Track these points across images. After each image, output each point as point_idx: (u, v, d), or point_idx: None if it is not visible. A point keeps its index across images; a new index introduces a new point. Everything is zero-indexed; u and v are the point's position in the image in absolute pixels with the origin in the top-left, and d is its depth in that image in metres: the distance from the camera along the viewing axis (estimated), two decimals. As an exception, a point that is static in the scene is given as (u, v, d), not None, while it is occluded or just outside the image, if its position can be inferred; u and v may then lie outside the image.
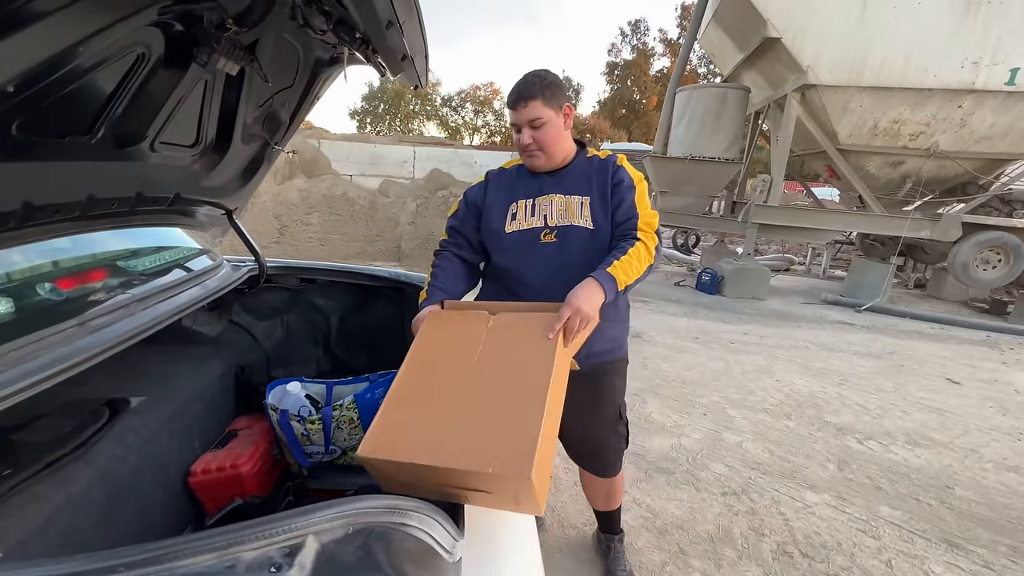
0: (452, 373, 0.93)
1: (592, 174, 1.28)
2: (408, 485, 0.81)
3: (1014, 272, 5.97)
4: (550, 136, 1.22)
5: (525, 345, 0.95)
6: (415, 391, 0.91)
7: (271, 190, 8.01)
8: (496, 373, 0.91)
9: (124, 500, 1.07)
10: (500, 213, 1.31)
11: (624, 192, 1.25)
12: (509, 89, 1.25)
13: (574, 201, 1.25)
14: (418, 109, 29.56)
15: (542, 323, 0.99)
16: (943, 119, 5.96)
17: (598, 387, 1.40)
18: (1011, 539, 2.02)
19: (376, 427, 0.83)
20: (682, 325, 5.04)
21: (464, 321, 1.08)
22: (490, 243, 1.34)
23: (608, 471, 1.52)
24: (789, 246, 11.10)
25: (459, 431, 0.81)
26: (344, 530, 0.59)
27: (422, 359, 0.98)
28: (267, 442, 1.46)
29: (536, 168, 1.29)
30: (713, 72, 22.99)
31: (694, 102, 6.98)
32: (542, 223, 1.26)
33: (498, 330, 1.01)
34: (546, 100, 1.19)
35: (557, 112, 1.22)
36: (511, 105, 1.22)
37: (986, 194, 6.52)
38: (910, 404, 3.35)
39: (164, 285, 1.27)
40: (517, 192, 1.31)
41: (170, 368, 1.47)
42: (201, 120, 1.17)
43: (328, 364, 1.92)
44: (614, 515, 1.70)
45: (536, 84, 1.19)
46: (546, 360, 0.90)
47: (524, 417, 0.80)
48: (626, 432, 1.49)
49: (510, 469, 0.72)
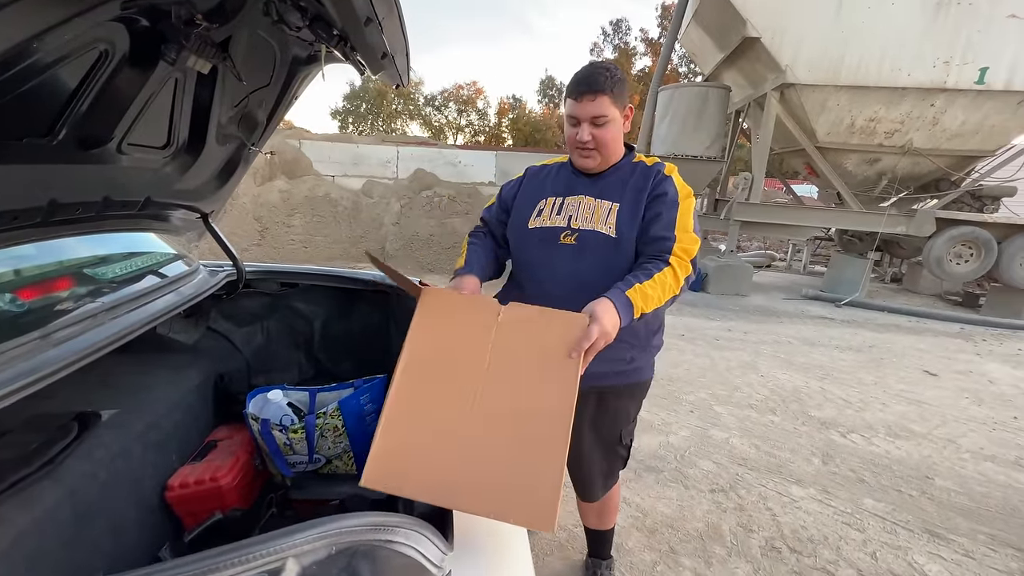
0: (459, 379, 0.83)
1: (630, 180, 1.19)
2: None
3: (985, 266, 6.16)
4: (611, 136, 1.14)
5: (545, 354, 0.84)
6: (415, 404, 0.82)
7: (251, 191, 7.85)
8: (509, 390, 0.82)
9: (95, 520, 1.02)
10: (528, 207, 1.25)
11: (664, 207, 1.13)
12: (571, 78, 1.14)
13: (603, 206, 1.17)
14: (401, 108, 29.29)
15: (563, 327, 0.87)
16: (917, 117, 6.12)
17: (604, 408, 1.31)
18: (990, 527, 2.07)
19: (377, 452, 0.76)
20: (667, 322, 5.03)
21: (469, 309, 0.93)
22: (512, 237, 1.28)
23: (593, 495, 1.44)
24: (770, 242, 11.29)
25: (472, 466, 0.75)
26: (327, 551, 0.56)
27: (422, 358, 0.86)
28: (248, 453, 1.42)
29: (587, 168, 1.21)
30: (694, 71, 23.27)
31: (676, 101, 7.05)
32: (565, 223, 1.18)
33: (510, 327, 0.87)
34: (614, 97, 1.10)
35: (621, 111, 1.14)
36: (574, 96, 1.11)
37: (958, 190, 6.72)
38: (890, 396, 3.42)
39: (136, 292, 1.22)
40: (548, 189, 1.25)
41: (145, 378, 1.41)
42: (172, 120, 1.12)
43: (311, 370, 1.88)
44: (605, 537, 1.64)
45: (606, 78, 1.09)
46: (569, 381, 0.81)
47: (545, 457, 0.75)
48: (625, 454, 1.41)
49: (534, 521, 0.70)
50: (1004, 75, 5.76)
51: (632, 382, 1.30)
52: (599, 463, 1.38)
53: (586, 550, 1.76)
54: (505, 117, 29.76)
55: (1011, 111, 5.98)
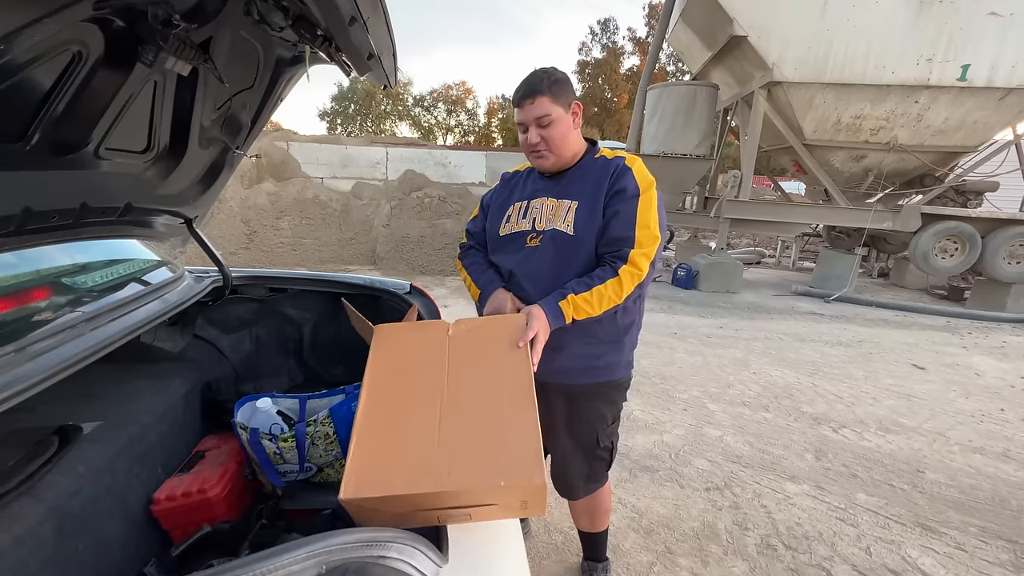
0: (423, 387, 0.88)
1: (591, 176, 1.20)
2: (396, 518, 0.76)
3: (970, 260, 6.25)
4: (559, 134, 1.16)
5: (495, 351, 0.92)
6: (386, 417, 0.84)
7: (238, 195, 7.75)
8: (474, 382, 0.87)
9: (79, 536, 0.99)
10: (499, 214, 1.31)
11: (623, 203, 1.13)
12: (514, 88, 1.19)
13: (563, 205, 1.20)
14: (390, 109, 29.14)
15: (505, 327, 0.97)
16: (901, 114, 6.20)
17: (576, 410, 1.30)
18: (980, 519, 2.09)
19: (353, 465, 0.75)
20: (660, 321, 5.09)
21: (420, 333, 1.03)
22: (489, 245, 1.35)
23: (571, 492, 1.42)
24: (760, 239, 11.38)
25: (452, 449, 0.76)
26: (316, 570, 0.54)
27: (383, 382, 0.91)
28: (237, 463, 1.39)
29: (544, 169, 1.24)
30: (682, 70, 23.41)
31: (665, 100, 7.07)
32: (530, 226, 1.24)
33: (461, 337, 0.97)
34: (554, 96, 1.14)
35: (566, 109, 1.17)
36: (517, 103, 1.17)
37: (942, 186, 6.82)
38: (880, 391, 3.46)
39: (117, 301, 1.18)
40: (516, 194, 1.31)
41: (129, 388, 1.38)
42: (152, 124, 1.09)
43: (302, 377, 1.85)
44: (598, 539, 1.62)
45: (543, 80, 1.14)
46: (523, 363, 0.88)
47: (519, 422, 0.77)
48: (607, 457, 1.39)
49: (522, 478, 0.69)
50: (985, 72, 5.85)
51: (603, 381, 1.28)
52: (578, 465, 1.37)
53: (582, 554, 1.76)
54: (495, 117, 29.75)
55: (992, 107, 6.08)
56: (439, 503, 0.72)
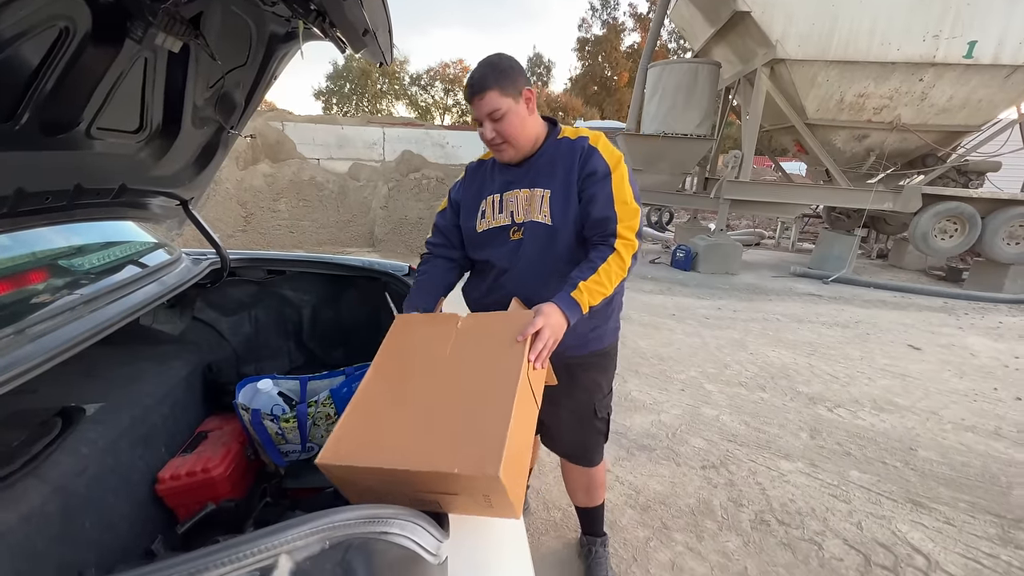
0: (420, 376, 0.90)
1: (559, 161, 1.19)
2: (374, 493, 0.78)
3: (969, 240, 6.24)
4: (513, 127, 1.14)
5: (495, 346, 0.94)
6: (381, 395, 0.87)
7: (234, 176, 7.67)
8: (465, 373, 0.88)
9: (84, 515, 1.01)
10: (472, 211, 1.28)
11: (597, 186, 1.14)
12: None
13: (536, 195, 1.19)
14: (386, 89, 28.65)
15: (512, 324, 0.98)
16: (905, 92, 6.11)
17: (575, 381, 1.34)
18: (970, 495, 2.14)
19: (338, 433, 0.79)
20: (658, 302, 5.10)
21: (432, 324, 1.06)
22: (466, 241, 1.32)
23: (579, 459, 1.48)
24: (759, 221, 11.34)
25: (424, 433, 0.77)
26: (320, 545, 0.55)
27: (389, 364, 0.95)
28: (239, 443, 1.41)
29: (507, 161, 1.23)
30: (683, 47, 22.94)
31: (666, 78, 6.95)
32: (509, 220, 1.22)
33: (467, 331, 0.99)
34: (502, 89, 1.10)
35: (516, 99, 1.13)
36: (468, 99, 1.15)
37: (944, 166, 6.76)
38: (875, 371, 3.49)
39: (116, 284, 1.18)
40: (486, 188, 1.28)
41: (130, 371, 1.39)
42: (144, 103, 1.06)
43: (302, 359, 1.86)
44: (595, 513, 1.65)
45: (489, 74, 1.11)
46: (515, 361, 0.88)
47: (492, 416, 0.77)
48: (605, 428, 1.43)
49: (476, 468, 0.69)
50: (992, 49, 5.74)
51: (596, 350, 1.34)
52: (579, 436, 1.43)
53: (580, 529, 1.80)
54: (493, 96, 29.20)
55: (998, 85, 5.99)
56: (402, 483, 0.74)
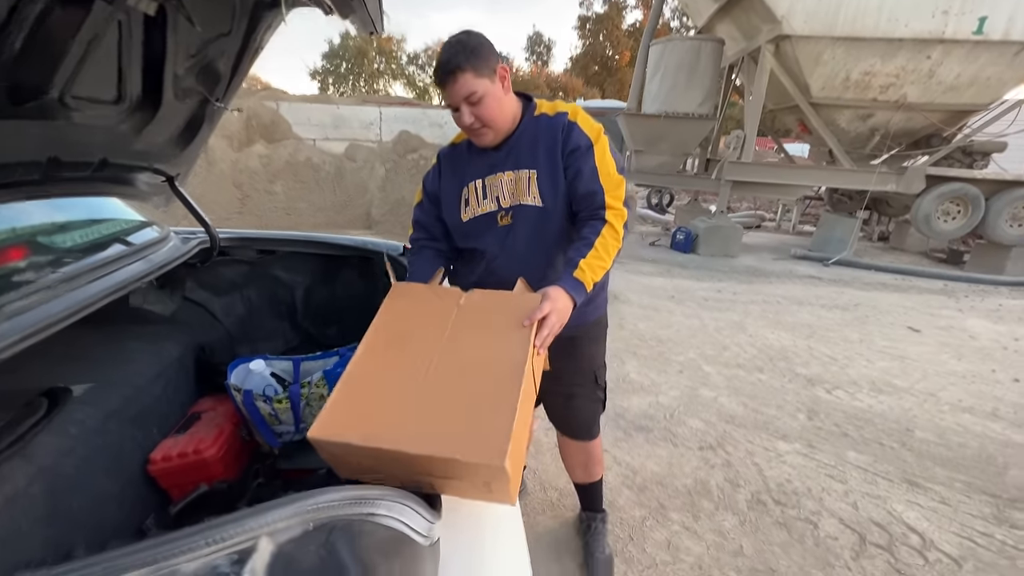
0: (418, 350, 0.86)
1: (540, 139, 1.15)
2: (366, 471, 0.76)
3: (972, 222, 6.19)
4: (491, 109, 1.08)
5: (500, 328, 0.90)
6: (376, 368, 0.84)
7: (229, 157, 7.56)
8: (468, 353, 0.85)
9: (72, 495, 0.99)
10: (454, 200, 1.22)
11: (581, 161, 1.11)
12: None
13: (522, 177, 1.15)
14: (383, 68, 28.11)
15: (518, 306, 0.94)
16: (912, 70, 5.98)
17: (577, 353, 1.36)
18: (966, 475, 2.14)
19: (330, 407, 0.76)
20: (658, 284, 5.08)
21: (433, 296, 1.01)
22: (451, 230, 1.28)
23: (582, 434, 1.50)
24: (760, 203, 11.25)
25: (424, 414, 0.75)
26: (303, 527, 0.53)
27: (385, 334, 0.91)
28: (233, 424, 1.39)
29: (486, 145, 1.16)
30: (687, 25, 22.44)
31: (668, 56, 6.80)
32: (496, 206, 1.18)
33: (470, 308, 0.95)
34: (477, 70, 1.03)
35: (492, 79, 1.06)
36: (439, 84, 1.06)
37: (949, 146, 6.66)
38: (874, 353, 3.49)
39: (98, 261, 1.15)
40: (467, 174, 1.21)
41: (121, 351, 1.36)
42: (121, 71, 1.02)
43: (297, 339, 1.84)
44: (594, 489, 1.66)
45: (459, 54, 1.02)
46: (521, 347, 0.84)
47: (498, 401, 0.75)
48: (603, 396, 1.47)
49: (482, 456, 0.66)
50: (1003, 24, 5.60)
51: (592, 320, 1.36)
52: (583, 404, 1.45)
53: (578, 508, 1.80)
54: (492, 76, 28.66)
55: (1007, 62, 5.86)
56: (398, 464, 0.72)
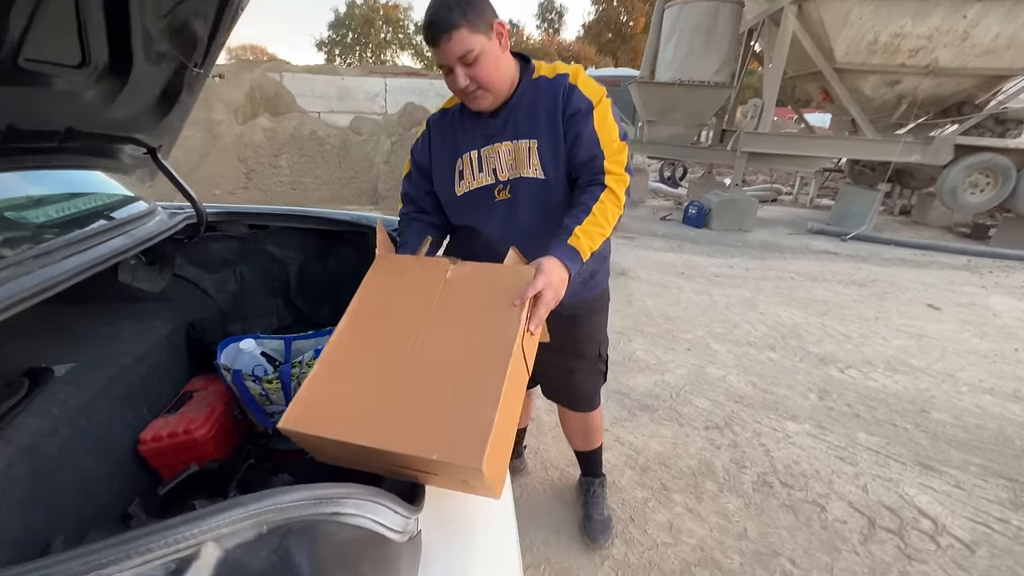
0: (400, 329, 0.80)
1: (540, 104, 1.05)
2: (344, 460, 0.71)
3: (1001, 195, 5.92)
4: (489, 69, 0.97)
5: (488, 306, 0.82)
6: (354, 350, 0.78)
7: (233, 131, 7.47)
8: (452, 334, 0.78)
9: (56, 477, 0.97)
10: (447, 173, 1.14)
11: (581, 125, 1.03)
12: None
13: (522, 147, 1.06)
14: (390, 37, 27.43)
15: (509, 280, 0.86)
16: (946, 31, 5.61)
17: (580, 327, 1.32)
18: (982, 458, 2.07)
19: (303, 395, 0.71)
20: (667, 260, 4.96)
21: (420, 268, 0.94)
22: (444, 204, 1.20)
23: (583, 406, 1.47)
24: (777, 175, 10.90)
25: (402, 404, 0.69)
26: (256, 531, 0.49)
27: (367, 310, 0.85)
28: (225, 403, 1.36)
29: (483, 109, 1.06)
30: (705, -13, 21.41)
31: (684, 19, 6.48)
32: (492, 179, 1.09)
33: (457, 283, 0.87)
34: (472, 25, 0.92)
35: (488, 35, 0.96)
36: (430, 42, 0.95)
37: (981, 114, 6.31)
38: (891, 331, 3.38)
39: (77, 236, 1.10)
40: (461, 144, 1.12)
41: (107, 330, 1.34)
42: (82, 30, 0.94)
43: (290, 317, 1.80)
44: (594, 456, 1.67)
45: (455, 8, 0.91)
46: (509, 329, 0.77)
47: (482, 391, 0.69)
48: (604, 368, 1.44)
49: (459, 456, 0.61)
50: (1048, -20, 5.21)
51: (595, 294, 1.33)
52: (586, 378, 1.42)
53: (577, 490, 1.78)
54: (501, 44, 27.91)
55: (1050, 22, 5.47)
56: (375, 457, 0.67)
